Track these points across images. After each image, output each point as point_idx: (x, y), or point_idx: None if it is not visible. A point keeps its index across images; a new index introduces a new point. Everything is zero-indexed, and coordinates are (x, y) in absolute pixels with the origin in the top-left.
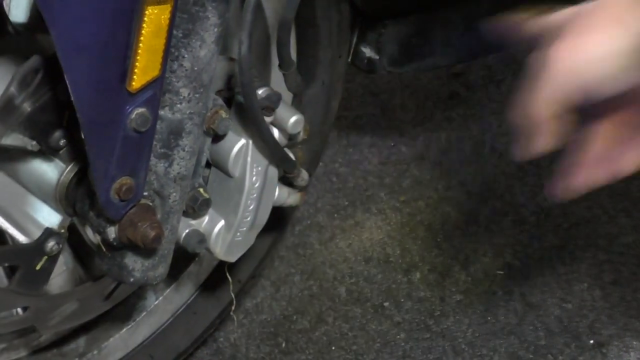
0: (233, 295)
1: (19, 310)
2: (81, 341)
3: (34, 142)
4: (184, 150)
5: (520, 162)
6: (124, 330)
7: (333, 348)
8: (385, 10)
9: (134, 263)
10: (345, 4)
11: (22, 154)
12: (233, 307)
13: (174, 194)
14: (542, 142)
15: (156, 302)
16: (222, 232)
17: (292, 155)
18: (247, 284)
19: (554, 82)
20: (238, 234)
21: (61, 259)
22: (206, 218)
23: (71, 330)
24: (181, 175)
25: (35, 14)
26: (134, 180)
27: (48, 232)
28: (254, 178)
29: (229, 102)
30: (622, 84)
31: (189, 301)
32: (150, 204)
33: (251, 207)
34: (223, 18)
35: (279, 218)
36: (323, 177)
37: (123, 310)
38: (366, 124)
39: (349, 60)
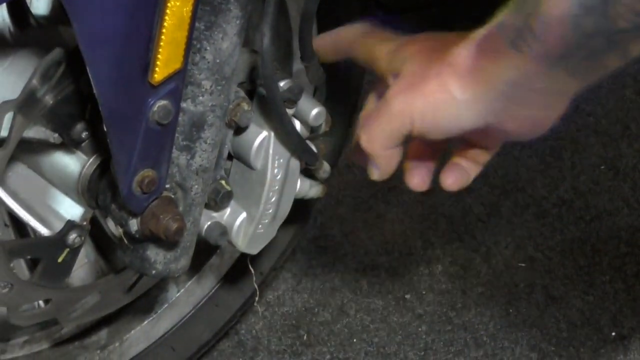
0: (256, 286)
1: (41, 302)
2: (103, 333)
3: (56, 135)
4: (206, 143)
5: (542, 155)
6: (146, 322)
7: (354, 340)
8: (406, 3)
9: (155, 255)
10: None
11: (45, 146)
12: (257, 298)
13: (196, 186)
14: (378, 172)
15: (178, 294)
16: (244, 225)
17: (314, 148)
18: (269, 276)
19: (388, 122)
20: (260, 226)
21: (83, 252)
22: (228, 210)
23: (93, 323)
24: (203, 167)
25: (57, 6)
26: (156, 173)
27: (70, 225)
28: (276, 170)
29: (251, 94)
30: (455, 131)
31: (210, 293)
32: (173, 196)
33: (273, 200)
34: (245, 10)
35: (300, 210)
36: (345, 169)
37: (145, 302)
38: None
39: None
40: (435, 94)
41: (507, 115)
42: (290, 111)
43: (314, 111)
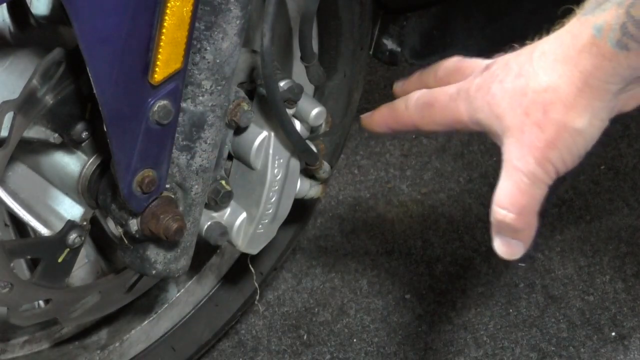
0: (257, 285)
1: (41, 302)
2: (103, 333)
3: (56, 135)
4: (206, 143)
5: None
6: (146, 322)
7: (355, 340)
8: (407, 2)
9: (156, 255)
10: None
11: (45, 146)
12: (257, 297)
13: (196, 186)
14: (522, 247)
15: (178, 294)
16: (244, 225)
17: (314, 148)
18: (269, 276)
19: (533, 187)
20: (260, 226)
21: (83, 252)
22: (228, 210)
23: (93, 323)
24: (203, 167)
25: (58, 6)
26: (156, 173)
27: (70, 225)
28: (276, 170)
29: (251, 94)
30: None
31: (210, 293)
32: (173, 196)
33: (273, 200)
34: (245, 10)
35: (300, 210)
36: (345, 169)
37: (145, 302)
38: None
39: (371, 52)
40: (561, 139)
41: (626, 99)
42: (290, 111)
43: (314, 111)
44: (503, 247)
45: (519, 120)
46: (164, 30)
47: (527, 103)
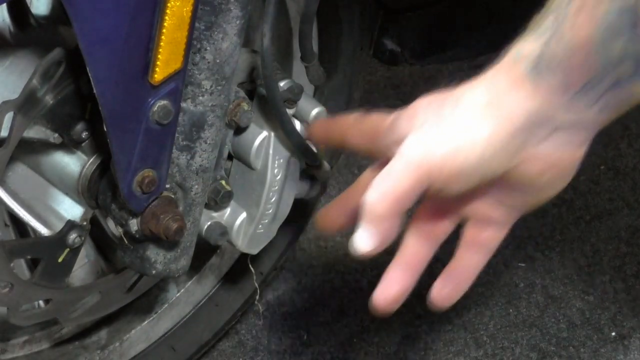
0: (257, 285)
1: (41, 302)
2: (103, 333)
3: (56, 135)
4: (206, 143)
5: None
6: (146, 322)
7: (355, 340)
8: (407, 2)
9: (156, 255)
10: None
11: (45, 146)
12: (257, 297)
13: (196, 186)
14: (374, 241)
15: (178, 294)
16: (244, 225)
17: (314, 148)
18: (269, 276)
19: (404, 177)
20: (260, 226)
21: (83, 252)
22: (228, 210)
23: (93, 323)
24: (203, 167)
25: (58, 6)
26: (156, 173)
27: (70, 225)
28: (276, 170)
29: (251, 94)
30: (477, 178)
31: (210, 293)
32: (173, 196)
33: (273, 200)
34: (245, 10)
35: (300, 210)
36: (345, 169)
37: (145, 302)
38: None
39: (371, 52)
40: (455, 135)
41: (528, 154)
42: (290, 111)
43: (314, 111)
44: (356, 237)
45: (429, 115)
46: (164, 30)
47: (445, 103)
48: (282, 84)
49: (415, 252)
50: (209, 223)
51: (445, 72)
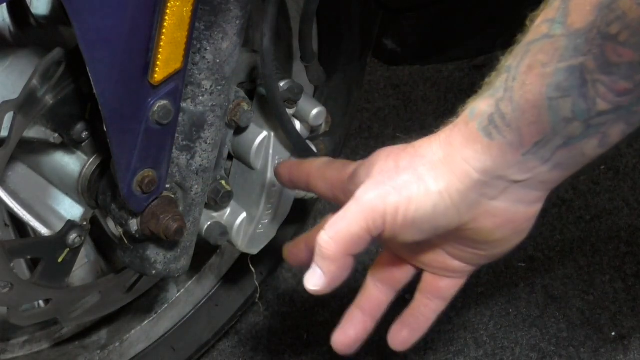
0: (257, 284)
1: (41, 302)
2: (103, 333)
3: (56, 135)
4: (206, 143)
5: None
6: (146, 322)
7: None
8: (407, 2)
9: (156, 255)
10: None
11: (45, 146)
12: (257, 296)
13: (196, 186)
14: (324, 282)
15: (178, 294)
16: (244, 225)
17: (314, 148)
18: (269, 276)
19: (358, 220)
20: (260, 226)
21: (83, 252)
22: (228, 210)
23: (93, 323)
24: (203, 167)
25: (58, 6)
26: (156, 173)
27: (70, 225)
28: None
29: (251, 94)
30: (429, 229)
31: (210, 293)
32: (173, 196)
33: (273, 200)
34: (245, 10)
35: (300, 210)
36: None
37: (145, 302)
38: (388, 116)
39: (371, 52)
40: (410, 185)
41: (482, 210)
42: (290, 111)
43: (314, 111)
44: (308, 274)
45: (388, 164)
46: (164, 30)
47: (403, 155)
48: (282, 84)
49: (374, 297)
50: (209, 223)
51: (445, 72)
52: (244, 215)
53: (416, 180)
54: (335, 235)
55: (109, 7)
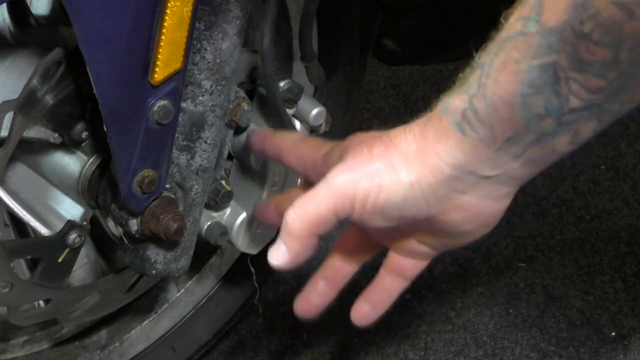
0: (257, 285)
1: (41, 302)
2: (103, 333)
3: (56, 135)
4: (206, 143)
5: None
6: (146, 322)
7: (355, 340)
8: (407, 2)
9: (156, 255)
10: None
11: (44, 146)
12: (257, 297)
13: (196, 186)
14: (287, 258)
15: (178, 294)
16: (244, 225)
17: None
18: (269, 276)
19: (327, 202)
20: (260, 226)
21: (83, 252)
22: (228, 210)
23: (93, 323)
24: (203, 167)
25: (58, 6)
26: (156, 173)
27: (70, 225)
28: (276, 170)
29: (251, 94)
30: (397, 217)
31: (210, 293)
32: (173, 196)
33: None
34: (245, 10)
35: None
36: None
37: (145, 302)
38: (388, 116)
39: (371, 52)
40: (381, 174)
41: (452, 204)
42: (290, 111)
43: (314, 111)
44: (272, 249)
45: (361, 150)
46: (164, 30)
47: (377, 143)
48: (282, 84)
49: (338, 268)
50: (209, 223)
51: (445, 72)
52: (244, 215)
53: (389, 169)
54: (303, 215)
55: (109, 7)
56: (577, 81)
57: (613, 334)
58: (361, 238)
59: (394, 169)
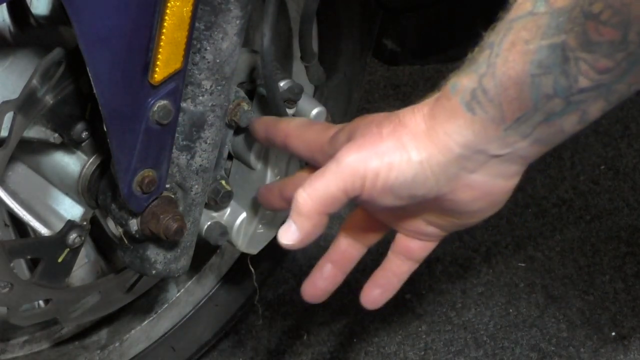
0: (257, 285)
1: (41, 302)
2: (103, 333)
3: (56, 135)
4: (206, 143)
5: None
6: (146, 322)
7: (355, 340)
8: (407, 2)
9: (156, 255)
10: None
11: (45, 146)
12: (257, 297)
13: (196, 186)
14: (297, 237)
15: (178, 294)
16: (244, 225)
17: None
18: (269, 276)
19: (337, 181)
20: (260, 226)
21: (83, 252)
22: (228, 210)
23: (93, 323)
24: (203, 167)
25: (58, 6)
26: (156, 173)
27: (70, 225)
28: (276, 170)
29: (251, 94)
30: (406, 196)
31: (210, 293)
32: (173, 196)
33: None
34: (245, 10)
35: None
36: None
37: (145, 302)
38: None
39: (371, 52)
40: (392, 152)
41: (461, 183)
42: (290, 111)
43: (314, 111)
44: (282, 229)
45: (370, 130)
46: (164, 30)
47: (386, 122)
48: (282, 84)
49: (345, 251)
50: (209, 223)
51: (445, 72)
52: (244, 215)
53: (399, 148)
54: (313, 193)
55: (109, 7)
56: (585, 61)
57: (613, 334)
58: (368, 220)
59: (404, 148)
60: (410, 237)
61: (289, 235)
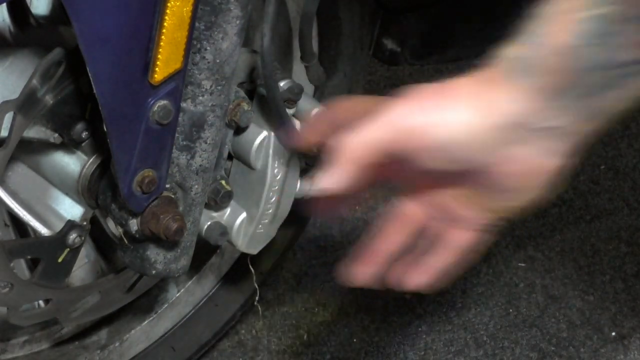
0: (256, 286)
1: (41, 302)
2: (103, 333)
3: (56, 135)
4: (206, 143)
5: None
6: (146, 322)
7: (355, 340)
8: (407, 2)
9: (156, 255)
10: None
11: (45, 146)
12: (257, 298)
13: (196, 186)
14: (336, 180)
15: (178, 294)
16: (244, 225)
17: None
18: (269, 276)
19: (382, 131)
20: (260, 226)
21: (83, 252)
22: (228, 210)
23: (93, 323)
24: (203, 167)
25: (58, 6)
26: (156, 173)
27: (70, 225)
28: (276, 170)
29: (251, 94)
30: (449, 159)
31: (210, 293)
32: (173, 196)
33: (273, 200)
34: (245, 10)
35: (300, 210)
36: None
37: (145, 302)
38: None
39: (371, 52)
40: (440, 111)
41: (503, 154)
42: (290, 111)
43: (314, 111)
44: (325, 176)
45: (418, 91)
46: (164, 30)
47: (427, 86)
48: (282, 84)
49: (392, 239)
50: (209, 223)
51: (445, 72)
52: (244, 215)
53: (445, 109)
54: (360, 142)
55: (109, 7)
56: (629, 35)
57: (613, 334)
58: (410, 203)
59: (453, 109)
60: (449, 224)
61: (334, 180)
